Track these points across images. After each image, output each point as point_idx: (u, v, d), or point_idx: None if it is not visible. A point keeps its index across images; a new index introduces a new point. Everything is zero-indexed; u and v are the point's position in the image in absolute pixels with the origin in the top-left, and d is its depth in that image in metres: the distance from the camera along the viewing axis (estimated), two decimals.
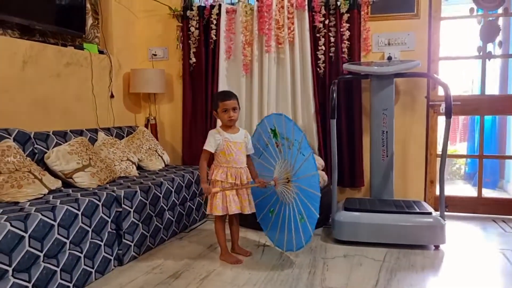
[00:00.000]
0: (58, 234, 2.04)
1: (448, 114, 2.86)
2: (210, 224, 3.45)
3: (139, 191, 2.67)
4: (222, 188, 2.53)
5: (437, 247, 2.85)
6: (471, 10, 3.66)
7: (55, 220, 2.02)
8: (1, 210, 1.99)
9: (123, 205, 2.52)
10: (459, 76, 5.54)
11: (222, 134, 2.57)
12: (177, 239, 3.07)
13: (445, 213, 2.93)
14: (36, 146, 2.67)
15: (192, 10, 3.92)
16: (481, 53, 3.69)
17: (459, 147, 5.95)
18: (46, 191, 2.38)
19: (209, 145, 2.57)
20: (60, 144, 2.79)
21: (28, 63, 2.91)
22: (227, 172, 2.54)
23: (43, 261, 1.96)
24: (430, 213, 2.87)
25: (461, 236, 3.16)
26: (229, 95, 2.59)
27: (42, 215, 1.96)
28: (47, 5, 3.14)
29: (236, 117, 2.56)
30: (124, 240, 2.55)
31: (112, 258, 2.46)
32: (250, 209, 2.61)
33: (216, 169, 2.58)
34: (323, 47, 3.66)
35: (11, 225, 1.80)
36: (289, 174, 2.52)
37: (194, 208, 3.39)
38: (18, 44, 2.87)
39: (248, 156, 2.66)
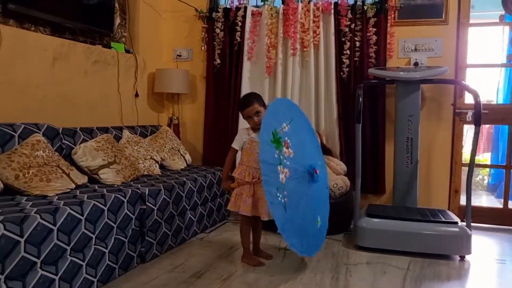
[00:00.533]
0: (85, 228, 2.05)
1: (477, 122, 2.80)
2: (230, 226, 3.45)
3: (163, 189, 2.68)
4: (238, 184, 2.53)
5: (462, 257, 2.79)
6: (501, 17, 3.60)
7: (82, 215, 2.03)
8: (31, 203, 2.02)
9: (147, 203, 2.53)
10: (483, 85, 5.45)
11: (249, 134, 2.58)
12: (197, 239, 3.07)
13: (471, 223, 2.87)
14: (63, 141, 2.70)
15: (217, 12, 3.94)
16: (510, 61, 3.62)
17: (482, 157, 5.84)
18: (73, 186, 2.40)
19: (235, 143, 2.61)
20: (87, 141, 2.82)
21: (58, 60, 2.96)
22: (246, 171, 2.54)
23: (69, 255, 1.98)
24: (456, 223, 2.82)
25: (487, 248, 3.09)
26: (249, 101, 2.55)
27: (71, 209, 1.97)
28: (77, 4, 3.19)
29: (260, 120, 2.49)
30: (147, 238, 2.55)
31: (135, 255, 2.47)
32: (269, 216, 2.46)
33: (238, 167, 2.60)
34: (348, 52, 3.64)
35: (41, 218, 1.81)
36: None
37: (214, 209, 3.39)
38: (49, 41, 2.92)
39: None
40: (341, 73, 3.67)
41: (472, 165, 2.85)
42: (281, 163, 2.29)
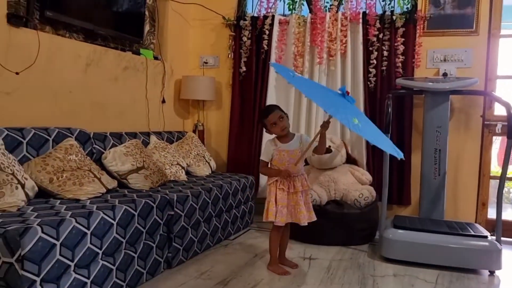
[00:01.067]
0: (116, 233, 2.08)
1: (510, 134, 2.75)
2: (253, 233, 3.45)
3: (190, 195, 2.70)
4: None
5: (492, 273, 2.73)
6: None
7: (114, 219, 2.06)
8: (65, 206, 2.06)
9: (175, 209, 2.55)
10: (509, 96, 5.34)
11: (276, 144, 2.57)
12: (222, 246, 3.08)
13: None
14: (94, 146, 2.75)
15: (245, 20, 3.97)
16: None
17: (509, 170, 5.71)
18: (104, 190, 2.44)
19: (263, 155, 2.62)
20: (116, 145, 2.87)
21: (90, 66, 3.02)
22: (279, 180, 2.52)
23: (101, 259, 2.00)
24: (485, 237, 2.76)
25: None
26: (269, 109, 2.58)
27: (104, 213, 2.01)
28: (109, 11, 3.26)
29: (285, 125, 2.54)
30: (174, 244, 2.57)
31: (162, 260, 2.49)
32: (308, 218, 2.55)
33: (270, 178, 2.59)
34: (375, 61, 3.62)
35: (76, 221, 1.85)
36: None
37: (239, 215, 3.40)
38: (82, 47, 2.99)
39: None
40: (369, 83, 3.65)
41: (503, 178, 2.79)
42: None
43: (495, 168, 5.30)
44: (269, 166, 2.61)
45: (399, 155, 2.28)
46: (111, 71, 3.22)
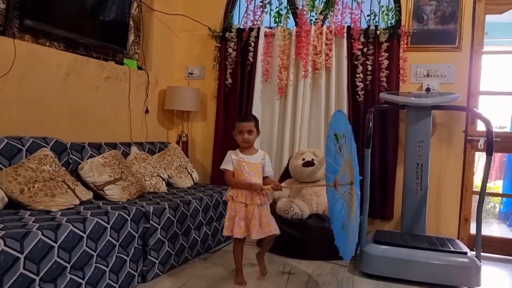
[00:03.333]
0: (86, 246, 2.04)
1: (489, 151, 2.75)
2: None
3: (167, 208, 2.66)
4: (288, 185, 2.67)
5: None
6: None
7: (84, 232, 2.02)
8: (34, 218, 2.01)
9: (151, 221, 2.51)
10: (497, 111, 5.38)
11: (237, 155, 2.61)
12: (201, 260, 3.04)
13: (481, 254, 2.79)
14: (71, 156, 2.71)
15: (231, 32, 3.97)
16: None
17: (494, 184, 5.73)
18: (78, 201, 2.40)
19: (226, 164, 2.62)
20: (94, 156, 2.83)
21: (70, 75, 2.99)
22: (238, 192, 2.55)
23: (69, 273, 1.96)
24: (465, 253, 2.75)
25: (497, 280, 3.00)
26: (247, 118, 2.65)
27: (73, 226, 1.97)
28: (93, 21, 3.24)
29: (250, 140, 2.59)
30: (149, 257, 2.53)
31: (136, 274, 2.45)
32: (264, 232, 2.53)
33: (230, 189, 2.61)
34: (360, 75, 3.63)
35: (42, 234, 1.81)
36: (353, 177, 2.44)
37: (220, 229, 3.36)
38: (63, 56, 2.96)
39: (265, 178, 2.66)
40: (354, 97, 3.65)
41: (483, 194, 2.78)
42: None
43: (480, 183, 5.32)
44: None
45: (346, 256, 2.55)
46: (92, 80, 3.19)
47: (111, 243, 2.21)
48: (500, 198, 5.51)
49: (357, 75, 3.63)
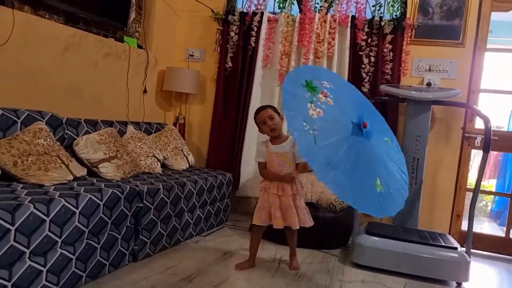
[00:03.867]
0: (78, 222, 2.02)
1: (486, 148, 2.75)
2: (227, 231, 3.41)
3: (162, 188, 2.65)
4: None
5: (459, 284, 2.72)
6: None
7: (77, 208, 2.01)
8: (26, 191, 1.99)
9: (144, 201, 2.50)
10: (495, 110, 5.38)
11: (267, 146, 2.56)
12: (193, 242, 3.04)
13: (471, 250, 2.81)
14: (66, 131, 2.68)
15: (234, 15, 3.92)
16: None
17: (488, 183, 5.76)
18: (71, 177, 2.38)
19: (259, 156, 2.60)
20: (90, 133, 2.80)
21: (69, 50, 2.95)
22: (270, 183, 2.54)
23: (60, 247, 1.95)
24: (455, 248, 2.76)
25: (485, 276, 3.03)
26: (262, 107, 2.59)
27: (66, 201, 1.95)
28: None
29: (276, 125, 2.50)
30: (141, 236, 2.52)
31: (127, 253, 2.44)
32: (300, 223, 2.54)
33: (263, 180, 2.61)
34: (363, 66, 3.60)
35: (34, 207, 1.79)
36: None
37: (213, 212, 3.35)
38: (62, 29, 2.91)
39: (298, 164, 2.56)
40: (362, 87, 3.61)
41: (476, 191, 2.79)
42: (312, 102, 2.06)
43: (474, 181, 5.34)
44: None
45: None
46: (91, 56, 3.15)
47: (103, 220, 2.19)
48: (492, 196, 5.54)
49: (362, 66, 3.60)
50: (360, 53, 3.60)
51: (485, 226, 4.99)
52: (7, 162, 2.14)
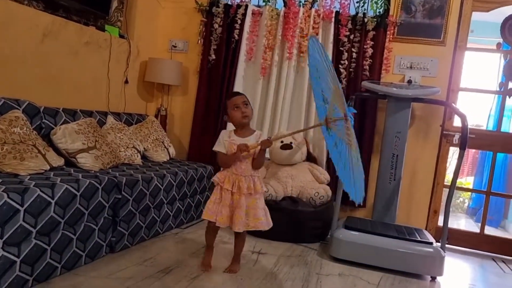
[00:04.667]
0: (54, 212, 1.99)
1: (463, 146, 2.80)
2: (207, 224, 3.39)
3: (140, 180, 2.63)
4: (276, 137, 2.52)
5: (433, 278, 2.78)
6: (498, 45, 3.61)
7: (53, 198, 1.98)
8: (1, 180, 1.95)
9: (123, 192, 2.48)
10: (475, 109, 5.48)
11: (230, 136, 2.37)
12: (172, 234, 3.03)
13: (446, 245, 2.86)
14: (44, 120, 2.63)
15: (218, 7, 3.90)
16: (502, 89, 3.64)
17: (465, 180, 5.88)
18: (48, 167, 2.34)
19: (218, 145, 2.37)
20: (68, 122, 2.76)
21: (48, 37, 2.89)
22: (226, 177, 2.34)
23: (34, 238, 1.92)
24: (431, 243, 2.81)
25: (459, 271, 3.10)
26: (236, 92, 2.49)
27: (41, 191, 1.92)
28: None
29: (249, 113, 2.33)
30: (119, 228, 2.50)
31: (104, 244, 2.42)
32: (245, 226, 2.33)
33: (221, 171, 2.40)
34: (345, 62, 3.62)
35: (8, 197, 1.76)
36: (345, 109, 2.13)
37: (193, 205, 3.35)
38: (40, 16, 2.84)
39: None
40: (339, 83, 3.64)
41: (452, 188, 2.84)
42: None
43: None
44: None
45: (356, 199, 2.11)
46: (71, 44, 3.09)
47: (80, 211, 2.17)
48: (469, 193, 5.66)
49: (342, 62, 3.63)
50: (341, 48, 3.61)
51: (462, 222, 5.10)
52: None
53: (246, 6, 3.82)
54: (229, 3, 3.91)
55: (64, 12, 3.12)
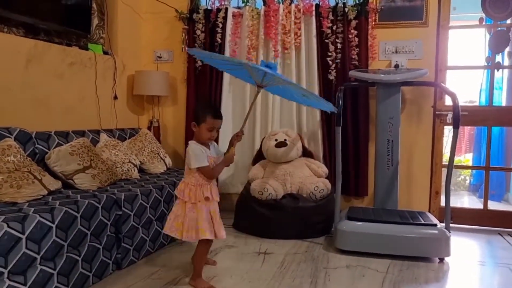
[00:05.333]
0: (56, 236, 1.99)
1: (456, 124, 2.81)
2: None
3: (139, 194, 2.63)
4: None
5: (441, 259, 2.79)
6: (480, 20, 3.62)
7: (53, 222, 1.97)
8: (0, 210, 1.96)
9: (123, 208, 2.48)
10: (467, 85, 5.49)
11: (203, 149, 2.25)
12: (177, 244, 3.02)
13: (450, 225, 2.87)
14: (37, 146, 2.63)
15: (198, 13, 3.90)
16: (489, 63, 3.65)
17: (464, 158, 5.89)
18: (46, 192, 2.34)
19: (201, 161, 2.21)
20: (62, 145, 2.76)
21: (31, 62, 2.89)
22: (213, 189, 2.28)
23: (39, 264, 1.92)
24: (435, 225, 2.82)
25: (466, 249, 3.10)
26: (218, 113, 2.28)
27: (40, 216, 1.92)
28: (53, 5, 3.11)
29: (214, 138, 2.31)
30: (123, 244, 2.50)
31: (110, 262, 2.42)
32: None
33: (185, 187, 2.26)
34: (330, 53, 3.62)
35: (8, 226, 1.76)
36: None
37: None
38: (22, 42, 2.84)
39: None
40: (324, 75, 3.66)
41: (450, 167, 2.85)
42: None
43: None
44: (192, 173, 2.27)
45: (329, 108, 2.71)
46: (55, 67, 3.08)
47: (82, 232, 2.17)
48: (470, 170, 5.67)
49: (329, 53, 3.63)
50: (326, 40, 3.62)
51: (465, 200, 5.10)
52: None
53: (226, 9, 3.82)
54: (209, 7, 3.91)
55: (46, 36, 3.11)
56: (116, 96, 3.72)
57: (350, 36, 3.58)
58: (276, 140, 3.45)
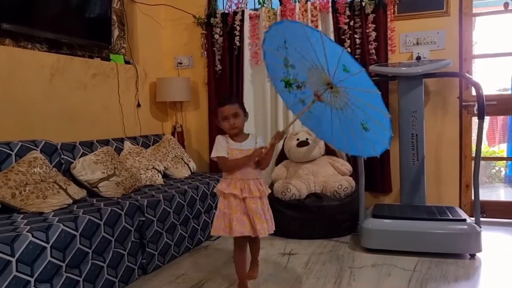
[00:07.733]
0: (80, 244, 2.05)
1: (481, 115, 2.71)
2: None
3: (162, 199, 2.67)
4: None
5: (472, 256, 2.70)
6: (506, 4, 3.47)
7: (77, 230, 2.04)
8: (26, 220, 2.03)
9: (146, 214, 2.53)
10: (497, 74, 5.29)
11: (228, 141, 2.21)
12: (202, 248, 3.06)
13: (482, 219, 2.77)
14: (62, 156, 2.72)
15: (216, 17, 3.92)
16: None
17: (498, 148, 5.67)
18: (71, 201, 2.41)
19: (219, 151, 2.19)
20: (86, 154, 2.84)
21: (55, 76, 2.99)
22: (231, 184, 2.17)
23: (65, 271, 1.98)
24: (464, 220, 2.73)
25: (499, 244, 2.98)
26: (228, 99, 2.25)
27: (64, 225, 1.98)
28: (74, 19, 3.20)
29: (238, 124, 2.17)
30: (148, 249, 2.55)
31: (136, 267, 2.47)
32: (267, 230, 2.18)
33: (223, 181, 2.23)
34: (348, 49, 3.57)
35: (33, 236, 1.82)
36: (328, 78, 2.11)
37: None
38: (45, 57, 2.95)
39: None
40: None
41: (478, 159, 2.75)
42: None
43: (485, 148, 5.26)
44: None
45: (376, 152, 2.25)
46: (78, 79, 3.18)
47: (106, 239, 2.22)
48: (505, 162, 5.45)
49: (347, 50, 3.57)
50: (343, 37, 3.57)
51: (501, 193, 4.91)
52: (5, 195, 2.19)
53: (243, 11, 3.83)
54: (226, 11, 3.93)
55: (68, 49, 3.22)
56: (139, 104, 3.80)
57: (368, 30, 3.52)
58: (297, 139, 3.43)
